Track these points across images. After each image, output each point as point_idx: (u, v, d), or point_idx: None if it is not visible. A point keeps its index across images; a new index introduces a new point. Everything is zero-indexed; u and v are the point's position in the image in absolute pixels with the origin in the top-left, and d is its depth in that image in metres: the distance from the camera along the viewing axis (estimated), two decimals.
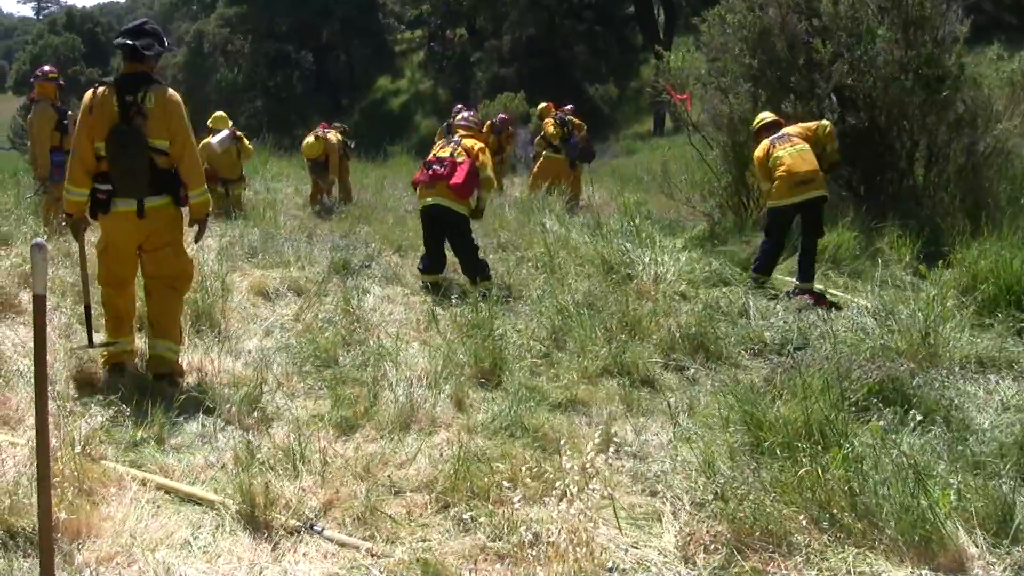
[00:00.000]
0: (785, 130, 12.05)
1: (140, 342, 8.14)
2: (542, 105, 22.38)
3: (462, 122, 12.21)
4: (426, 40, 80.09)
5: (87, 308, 8.07)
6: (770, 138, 11.90)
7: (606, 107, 58.27)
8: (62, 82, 13.67)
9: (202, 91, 75.35)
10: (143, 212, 7.56)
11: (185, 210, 7.93)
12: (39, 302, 3.64)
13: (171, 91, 7.70)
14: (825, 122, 12.29)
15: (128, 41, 7.66)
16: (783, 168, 11.48)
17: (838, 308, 10.77)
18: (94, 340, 8.03)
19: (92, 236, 8.11)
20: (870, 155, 15.26)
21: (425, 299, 10.59)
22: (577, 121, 20.81)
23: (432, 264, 11.52)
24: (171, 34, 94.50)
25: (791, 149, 11.63)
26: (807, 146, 11.72)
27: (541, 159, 20.94)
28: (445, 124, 20.84)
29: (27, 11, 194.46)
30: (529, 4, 61.31)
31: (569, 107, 21.84)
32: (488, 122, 23.59)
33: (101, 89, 7.61)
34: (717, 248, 13.43)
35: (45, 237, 10.94)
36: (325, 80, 76.78)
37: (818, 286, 11.75)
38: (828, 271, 12.56)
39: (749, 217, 15.02)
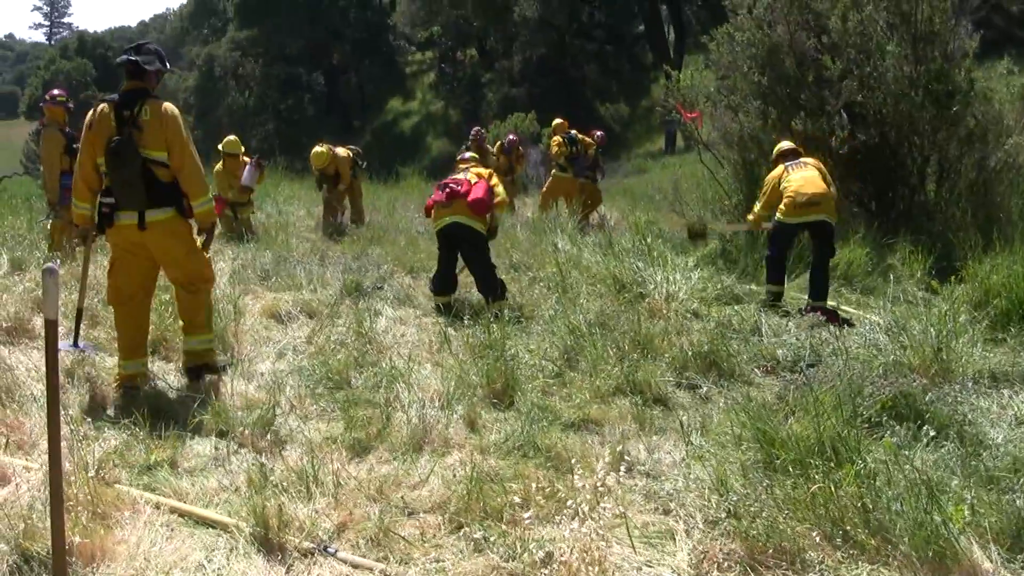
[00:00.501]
0: (803, 159, 12.17)
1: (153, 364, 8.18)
2: (556, 121, 22.32)
3: (464, 156, 12.32)
4: (436, 61, 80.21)
5: (79, 311, 8.81)
6: (787, 164, 11.99)
7: (617, 126, 58.28)
8: (71, 105, 13.64)
9: (214, 114, 75.74)
10: (144, 224, 7.78)
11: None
12: (50, 327, 3.66)
13: (167, 104, 7.95)
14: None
15: (129, 57, 8.00)
16: (792, 189, 11.59)
17: (851, 324, 10.76)
18: (87, 350, 8.57)
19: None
20: (881, 171, 15.28)
21: (437, 320, 10.60)
22: (588, 140, 20.83)
23: (443, 285, 11.51)
24: (182, 58, 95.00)
25: (804, 172, 11.74)
26: (819, 174, 11.79)
27: (551, 178, 21.00)
28: (464, 147, 20.97)
29: (39, 36, 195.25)
30: (539, 24, 61.47)
31: (599, 133, 21.94)
32: (498, 143, 23.68)
33: (101, 106, 7.92)
34: (729, 266, 13.44)
35: (58, 261, 10.98)
36: (336, 102, 77.05)
37: (831, 303, 11.74)
38: (840, 287, 12.56)
39: (761, 234, 15.01)
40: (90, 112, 7.93)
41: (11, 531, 5.10)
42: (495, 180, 11.57)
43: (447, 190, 11.30)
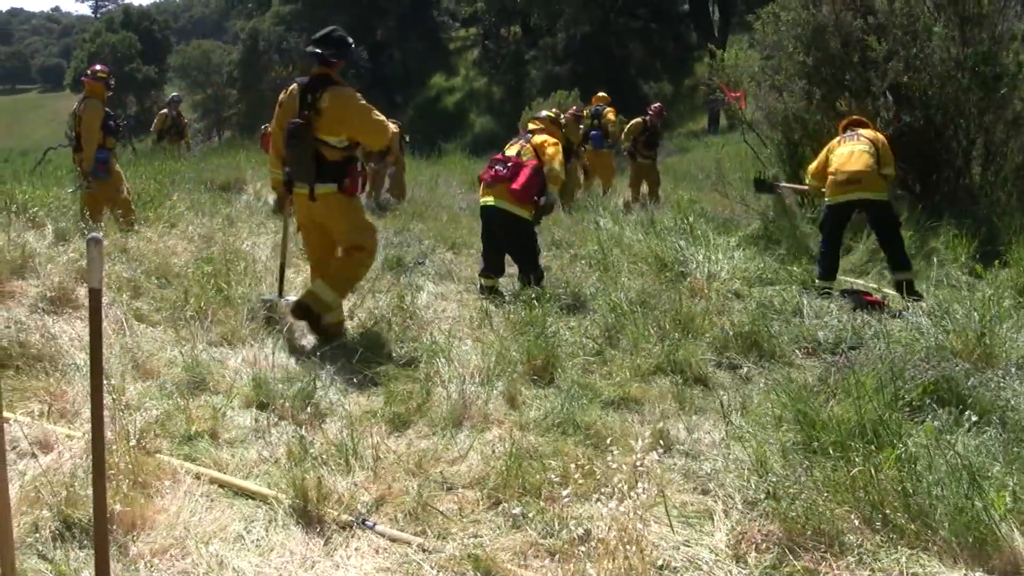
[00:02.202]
0: (860, 131, 11.84)
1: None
2: (601, 94, 22.34)
3: (540, 115, 12.15)
4: (480, 38, 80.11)
5: (282, 266, 9.91)
6: (842, 135, 11.80)
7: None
8: (112, 82, 13.88)
9: (257, 88, 75.85)
10: (313, 196, 8.80)
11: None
12: (95, 296, 3.67)
13: (346, 89, 8.85)
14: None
15: (316, 50, 8.89)
16: (833, 166, 11.39)
17: (889, 309, 10.67)
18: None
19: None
20: (926, 153, 15.17)
21: (479, 296, 10.60)
22: (611, 116, 21.04)
23: (490, 267, 11.33)
24: (226, 32, 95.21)
25: (848, 146, 11.52)
26: (867, 148, 11.45)
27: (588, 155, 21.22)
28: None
29: (85, 9, 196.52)
30: (584, 1, 61.27)
31: (656, 105, 22.02)
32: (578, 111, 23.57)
33: (293, 87, 8.97)
34: (771, 247, 13.38)
35: (102, 233, 11.07)
36: (380, 78, 77.01)
37: (872, 285, 11.69)
38: (883, 270, 12.47)
39: (803, 215, 14.93)
40: (285, 90, 9.03)
41: (53, 498, 5.15)
42: (553, 151, 11.23)
43: (493, 170, 11.21)
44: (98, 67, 14.05)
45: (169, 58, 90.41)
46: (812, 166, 12.11)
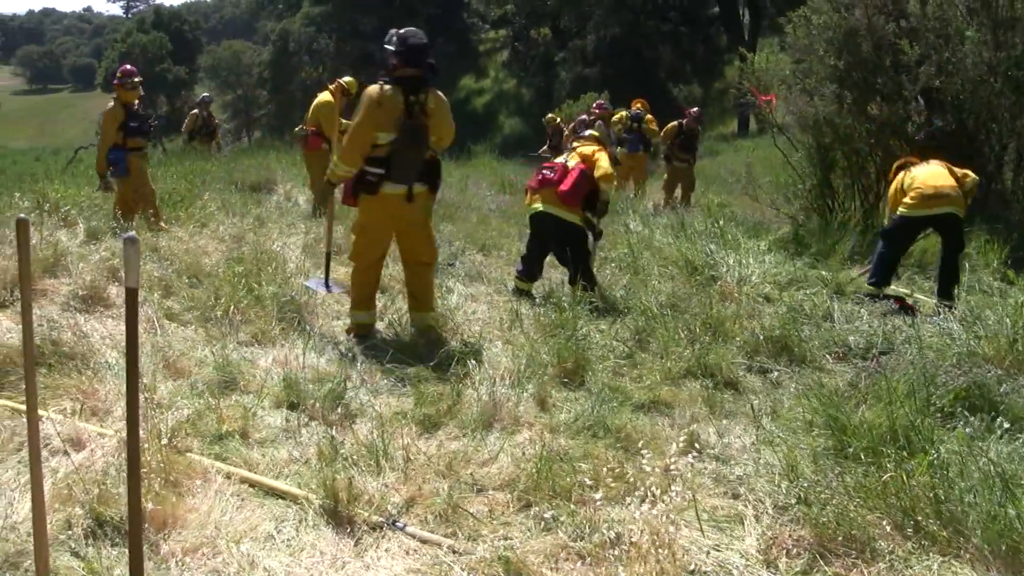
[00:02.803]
0: (928, 160, 11.82)
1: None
2: (641, 100, 22.50)
3: (584, 134, 12.08)
4: (510, 39, 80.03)
5: (328, 255, 10.30)
6: (907, 168, 11.77)
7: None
8: (128, 82, 13.99)
9: (287, 89, 76.09)
10: (412, 197, 8.83)
11: None
12: (131, 295, 3.68)
13: (440, 93, 8.98)
14: (973, 176, 11.78)
15: (422, 53, 8.81)
16: (919, 181, 11.29)
17: (913, 312, 10.62)
18: (334, 290, 10.23)
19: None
20: (958, 158, 15.08)
21: (509, 298, 10.59)
22: (653, 126, 21.26)
23: (529, 271, 11.25)
24: (256, 32, 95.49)
25: (929, 168, 11.52)
26: (946, 170, 11.46)
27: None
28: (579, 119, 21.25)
29: (116, 10, 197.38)
30: (614, 4, 61.14)
31: (694, 109, 22.10)
32: (571, 123, 23.76)
33: (388, 87, 8.68)
34: (801, 251, 13.34)
35: (134, 233, 11.13)
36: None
37: (903, 290, 11.65)
38: (914, 275, 12.44)
39: (834, 219, 14.89)
40: (375, 89, 8.69)
41: (86, 495, 5.19)
42: (599, 155, 11.09)
43: (541, 175, 11.14)
44: (129, 67, 14.30)
45: (199, 58, 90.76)
46: (891, 194, 12.01)
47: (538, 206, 11.07)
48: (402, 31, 8.92)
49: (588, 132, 12.24)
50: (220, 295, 9.18)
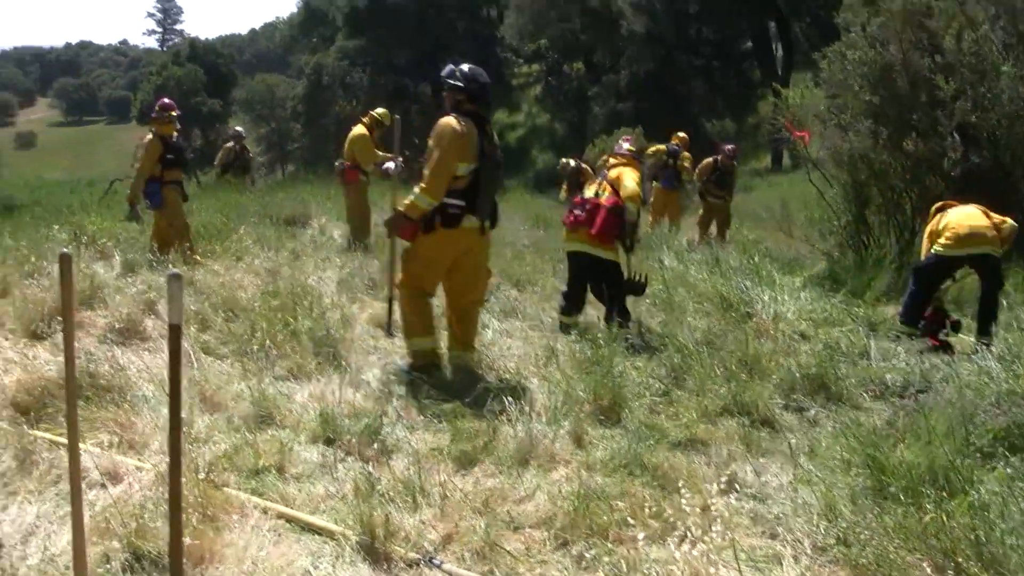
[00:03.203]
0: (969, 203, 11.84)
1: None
2: (681, 135, 22.56)
3: (618, 149, 12.07)
4: (544, 74, 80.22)
5: (390, 300, 10.06)
6: (944, 210, 11.78)
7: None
8: (165, 114, 14.12)
9: (320, 123, 76.34)
10: (485, 230, 8.92)
11: None
12: (175, 332, 3.70)
13: None
14: (1012, 223, 11.79)
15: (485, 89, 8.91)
16: (955, 222, 11.32)
17: (951, 350, 10.57)
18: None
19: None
20: (994, 194, 15.02)
21: (544, 334, 10.57)
22: (687, 164, 21.33)
23: (571, 306, 11.32)
24: (290, 66, 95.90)
25: (964, 209, 11.58)
26: (981, 212, 11.50)
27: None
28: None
29: (152, 42, 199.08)
30: (646, 39, 61.23)
31: (729, 147, 22.12)
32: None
33: (465, 121, 8.66)
34: (836, 287, 13.28)
35: (171, 266, 11.21)
36: (443, 113, 77.34)
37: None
38: (951, 313, 12.37)
39: (869, 256, 14.83)
40: (454, 121, 8.63)
41: (123, 529, 5.19)
42: (627, 177, 11.15)
43: (573, 215, 11.19)
44: (167, 101, 14.48)
45: (234, 92, 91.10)
46: (926, 234, 11.99)
47: (574, 246, 11.19)
48: (466, 68, 8.96)
49: (626, 147, 12.15)
50: (256, 329, 9.20)
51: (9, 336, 8.91)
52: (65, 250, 4.01)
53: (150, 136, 13.93)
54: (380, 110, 16.70)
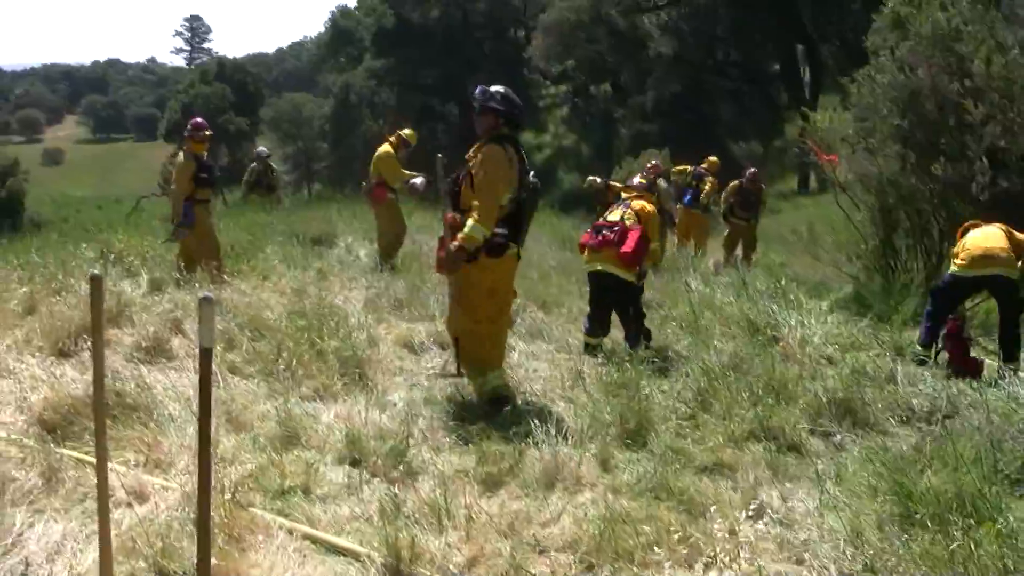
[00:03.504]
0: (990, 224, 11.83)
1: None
2: (712, 159, 22.93)
3: (633, 183, 12.14)
4: (570, 95, 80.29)
5: (456, 340, 9.05)
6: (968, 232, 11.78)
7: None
8: (198, 133, 14.10)
9: (348, 141, 76.49)
10: (519, 256, 8.87)
11: None
12: (205, 355, 3.71)
13: None
14: None
15: (514, 112, 8.83)
16: (971, 242, 11.36)
17: (978, 375, 10.52)
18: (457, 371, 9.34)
19: None
20: (1022, 219, 14.97)
21: (570, 356, 10.54)
22: (707, 188, 21.70)
23: (596, 327, 11.33)
24: (318, 85, 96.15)
25: (984, 230, 11.59)
26: (1002, 233, 11.47)
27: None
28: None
29: (180, 61, 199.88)
30: (674, 61, 61.24)
31: (751, 171, 22.67)
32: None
33: (507, 145, 8.64)
34: (863, 311, 13.23)
35: (198, 285, 11.26)
36: (470, 133, 77.17)
37: (971, 353, 11.53)
38: (979, 337, 12.32)
39: (897, 280, 14.78)
40: (498, 149, 8.55)
41: (149, 549, 5.21)
42: (653, 224, 11.38)
43: (600, 236, 11.19)
44: (200, 120, 14.43)
45: (261, 110, 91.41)
46: (952, 252, 12.00)
47: (597, 266, 11.21)
48: (502, 89, 8.89)
49: (637, 180, 12.21)
50: (282, 349, 9.22)
51: (36, 353, 8.94)
52: (95, 271, 4.03)
53: (182, 155, 14.03)
54: (407, 131, 16.69)
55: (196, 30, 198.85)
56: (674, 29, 61.76)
